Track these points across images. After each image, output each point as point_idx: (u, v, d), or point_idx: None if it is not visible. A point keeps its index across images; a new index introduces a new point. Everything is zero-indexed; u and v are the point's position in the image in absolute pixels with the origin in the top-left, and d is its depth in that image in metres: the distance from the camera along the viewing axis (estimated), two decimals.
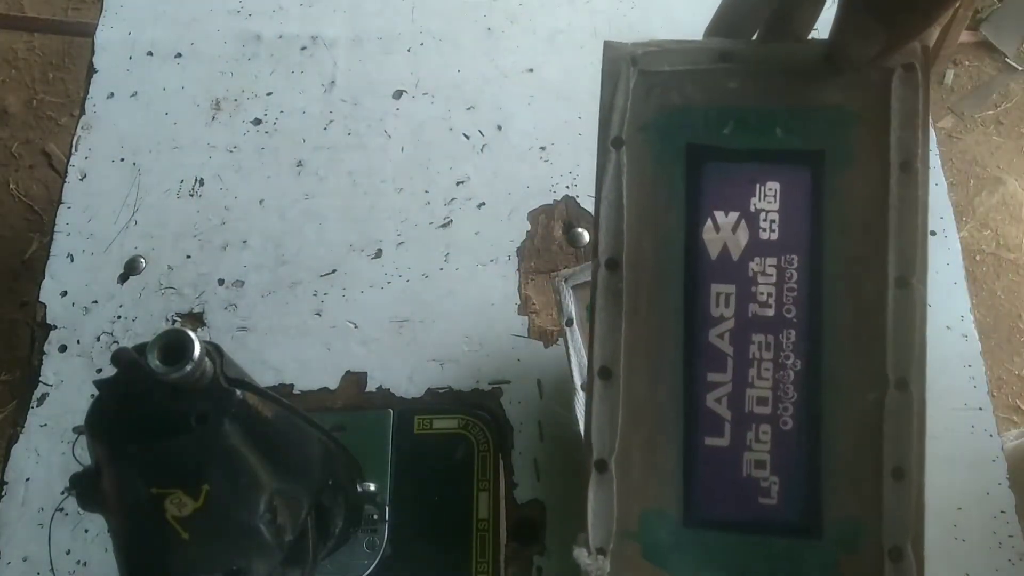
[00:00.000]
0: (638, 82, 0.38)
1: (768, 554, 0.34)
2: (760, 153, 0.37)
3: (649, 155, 0.38)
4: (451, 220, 0.66)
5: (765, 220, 0.36)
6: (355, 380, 0.60)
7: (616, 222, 0.37)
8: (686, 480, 0.35)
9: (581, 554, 0.35)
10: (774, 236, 0.36)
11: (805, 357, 0.34)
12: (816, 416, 0.34)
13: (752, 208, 0.36)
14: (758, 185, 0.37)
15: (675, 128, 0.38)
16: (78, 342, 0.62)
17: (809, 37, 0.37)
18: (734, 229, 0.36)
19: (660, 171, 0.37)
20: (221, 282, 0.64)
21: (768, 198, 0.36)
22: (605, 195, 0.37)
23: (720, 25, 0.37)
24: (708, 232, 0.36)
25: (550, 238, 0.65)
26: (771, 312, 0.35)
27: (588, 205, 0.65)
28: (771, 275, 0.35)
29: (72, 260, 0.65)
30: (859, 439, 0.34)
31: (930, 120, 0.36)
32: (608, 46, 0.37)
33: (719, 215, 0.37)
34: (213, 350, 0.36)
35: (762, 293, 0.35)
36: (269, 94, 0.72)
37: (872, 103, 0.36)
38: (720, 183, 0.37)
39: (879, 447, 0.33)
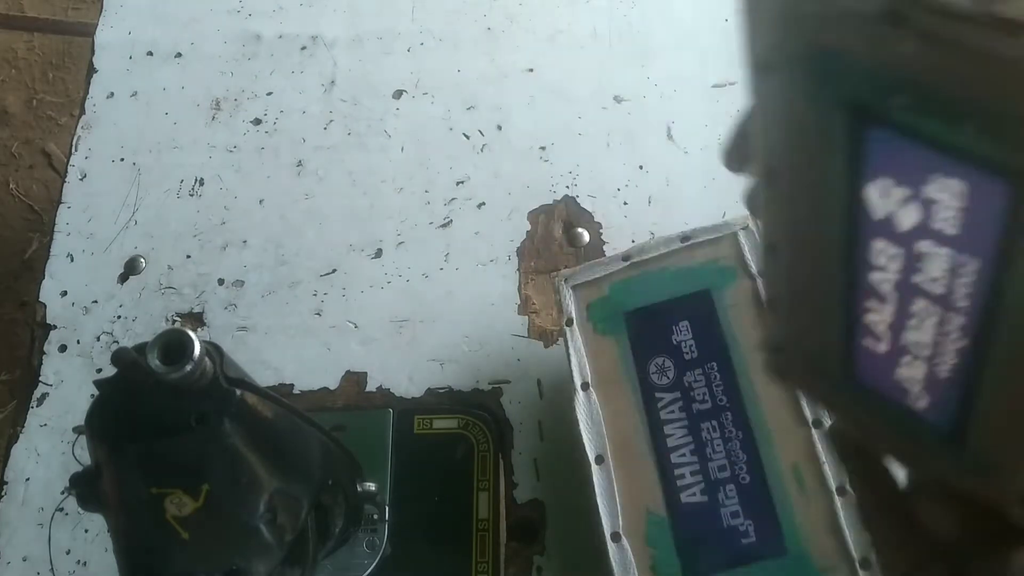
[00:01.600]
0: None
1: None
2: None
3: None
4: (451, 220, 0.66)
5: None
6: (355, 380, 0.60)
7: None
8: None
9: None
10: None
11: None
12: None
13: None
14: None
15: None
16: (78, 342, 0.62)
17: None
18: None
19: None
20: (221, 282, 0.64)
21: None
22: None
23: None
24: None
25: (550, 238, 0.65)
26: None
27: (588, 205, 0.65)
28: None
29: (72, 260, 0.65)
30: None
31: None
32: None
33: None
34: (213, 350, 0.36)
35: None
36: (269, 94, 0.72)
37: None
38: None
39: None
